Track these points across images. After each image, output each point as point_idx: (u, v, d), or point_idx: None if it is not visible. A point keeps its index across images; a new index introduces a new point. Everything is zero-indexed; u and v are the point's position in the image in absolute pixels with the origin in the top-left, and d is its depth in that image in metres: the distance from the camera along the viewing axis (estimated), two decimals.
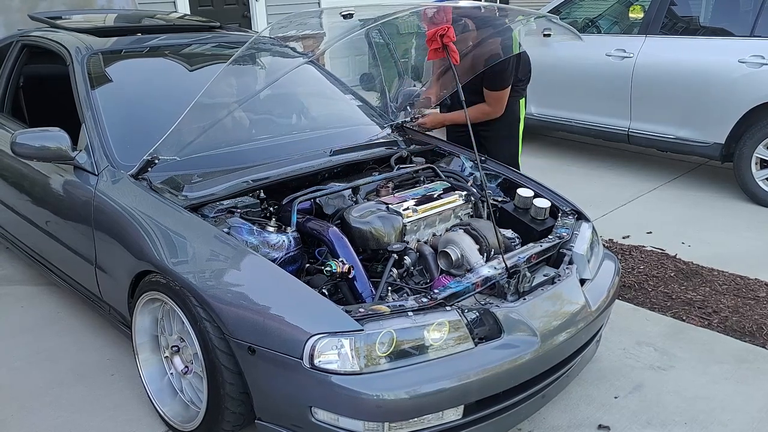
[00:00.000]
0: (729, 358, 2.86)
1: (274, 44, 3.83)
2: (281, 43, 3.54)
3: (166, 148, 2.55)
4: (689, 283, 3.52)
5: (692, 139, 4.86)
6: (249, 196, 2.55)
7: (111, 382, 2.75)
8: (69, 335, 3.11)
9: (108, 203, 2.59)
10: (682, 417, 2.50)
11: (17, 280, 3.70)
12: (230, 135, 3.18)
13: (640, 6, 5.31)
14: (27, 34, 3.72)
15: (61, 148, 2.71)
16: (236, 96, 3.05)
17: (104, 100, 2.95)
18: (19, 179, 3.26)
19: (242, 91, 3.12)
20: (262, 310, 2.03)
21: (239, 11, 7.97)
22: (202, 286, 2.14)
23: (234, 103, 2.93)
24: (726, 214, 4.54)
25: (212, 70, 3.52)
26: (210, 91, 2.51)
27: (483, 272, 2.28)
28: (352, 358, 1.92)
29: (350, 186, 2.68)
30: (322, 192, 2.60)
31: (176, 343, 2.40)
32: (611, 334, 3.00)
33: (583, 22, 5.82)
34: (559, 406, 2.54)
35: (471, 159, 3.14)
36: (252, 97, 3.09)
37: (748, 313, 3.20)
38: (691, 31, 5.06)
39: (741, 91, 4.56)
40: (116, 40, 3.35)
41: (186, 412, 2.40)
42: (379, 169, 2.99)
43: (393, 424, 1.96)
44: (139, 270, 2.41)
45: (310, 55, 2.94)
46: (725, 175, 5.21)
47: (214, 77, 2.54)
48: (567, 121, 5.69)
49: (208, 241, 2.26)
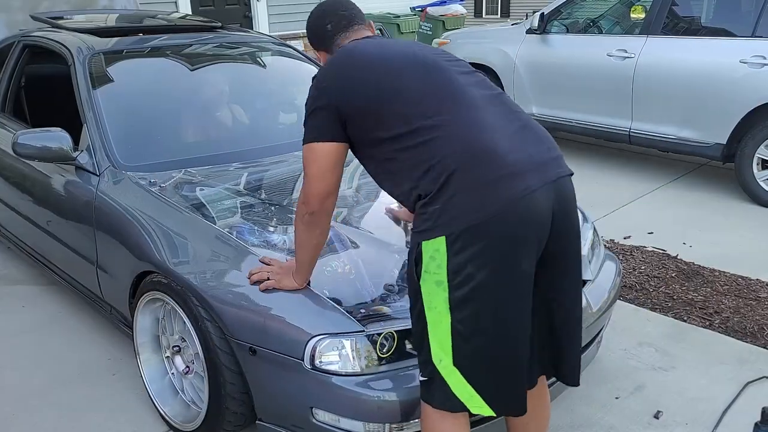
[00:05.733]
0: (730, 358, 2.86)
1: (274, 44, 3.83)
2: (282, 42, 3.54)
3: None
4: (690, 283, 3.52)
5: (693, 140, 4.86)
6: (249, 196, 2.55)
7: (112, 382, 2.75)
8: (70, 335, 3.12)
9: (109, 203, 2.60)
10: (684, 417, 2.50)
11: (19, 280, 3.70)
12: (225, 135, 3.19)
13: (642, 6, 5.31)
14: (29, 35, 3.73)
15: (63, 149, 2.71)
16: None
17: (106, 100, 2.96)
18: (21, 179, 3.27)
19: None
20: (263, 310, 2.03)
21: (240, 11, 7.98)
22: (203, 287, 2.15)
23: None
24: (727, 214, 4.54)
25: (214, 71, 3.54)
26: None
27: None
28: (353, 359, 1.92)
29: None
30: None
31: (177, 343, 2.41)
32: (612, 334, 3.00)
33: (585, 23, 5.82)
34: (560, 407, 2.54)
35: None
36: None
37: (749, 314, 3.20)
38: (692, 32, 5.06)
39: (742, 91, 4.56)
40: (118, 40, 3.36)
41: (187, 412, 2.40)
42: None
43: (394, 425, 1.95)
44: (141, 270, 2.41)
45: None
46: (726, 175, 5.21)
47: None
48: (568, 122, 5.69)
49: (209, 242, 2.26)
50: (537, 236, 1.64)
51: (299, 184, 2.71)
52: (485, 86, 1.80)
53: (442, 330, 1.65)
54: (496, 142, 1.65)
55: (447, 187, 1.61)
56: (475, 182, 1.60)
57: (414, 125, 1.67)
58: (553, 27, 5.84)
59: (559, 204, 1.69)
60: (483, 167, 1.61)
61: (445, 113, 1.68)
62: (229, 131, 3.30)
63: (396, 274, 2.16)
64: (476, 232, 1.59)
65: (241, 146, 3.02)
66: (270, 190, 2.66)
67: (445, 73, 1.75)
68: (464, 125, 1.66)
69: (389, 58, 1.76)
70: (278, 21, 8.24)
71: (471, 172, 1.61)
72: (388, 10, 9.04)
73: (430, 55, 1.79)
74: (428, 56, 1.78)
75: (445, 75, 1.75)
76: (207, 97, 3.40)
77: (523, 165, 1.63)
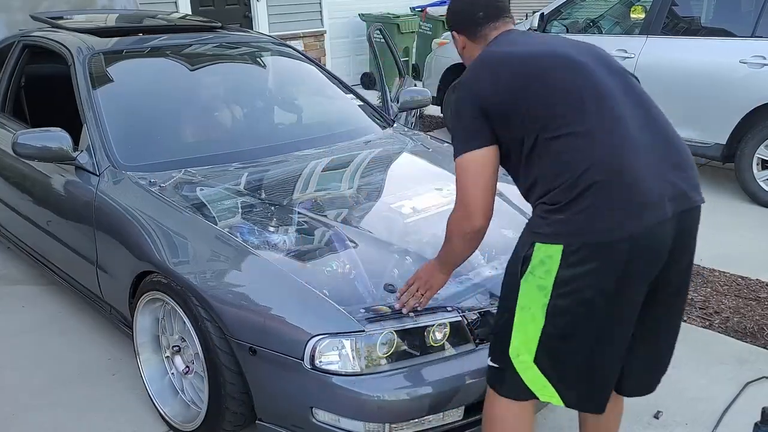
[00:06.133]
0: (730, 358, 2.86)
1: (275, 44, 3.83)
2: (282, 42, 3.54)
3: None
4: (690, 283, 3.51)
5: (693, 140, 4.85)
6: (249, 196, 2.55)
7: (112, 382, 2.75)
8: (70, 335, 3.11)
9: (109, 203, 2.60)
10: (683, 417, 2.50)
11: (18, 280, 3.70)
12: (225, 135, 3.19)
13: (642, 6, 5.31)
14: (28, 35, 3.72)
15: (63, 149, 2.71)
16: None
17: (106, 100, 2.96)
18: (21, 179, 3.27)
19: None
20: (263, 310, 2.03)
21: (240, 11, 7.98)
22: (203, 287, 2.14)
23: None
24: (727, 214, 4.53)
25: (214, 71, 3.54)
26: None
27: (484, 272, 2.28)
28: (353, 359, 1.92)
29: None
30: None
31: (177, 343, 2.41)
32: None
33: (585, 23, 5.82)
34: (560, 407, 2.53)
35: None
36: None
37: (749, 314, 3.20)
38: (692, 32, 5.06)
39: (742, 91, 4.56)
40: (118, 40, 3.35)
41: (187, 412, 2.40)
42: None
43: (394, 425, 1.95)
44: (140, 270, 2.41)
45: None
46: (726, 175, 5.21)
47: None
48: None
49: (209, 242, 2.26)
50: (657, 265, 1.61)
51: (299, 183, 2.71)
52: (634, 91, 1.71)
53: (530, 331, 1.63)
54: (641, 160, 1.58)
55: (582, 198, 1.55)
56: (614, 200, 1.54)
57: (557, 130, 1.60)
58: (553, 27, 5.83)
59: (682, 235, 1.64)
60: (624, 187, 1.55)
61: (588, 120, 1.59)
62: (229, 131, 3.29)
63: (396, 274, 2.16)
64: (598, 250, 1.54)
65: (241, 146, 3.01)
66: (270, 190, 2.65)
67: (593, 76, 1.66)
68: (608, 137, 1.58)
69: (538, 56, 1.69)
70: (278, 21, 8.23)
71: (612, 190, 1.55)
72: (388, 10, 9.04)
73: (581, 54, 1.71)
74: (577, 55, 1.70)
75: (593, 77, 1.66)
76: (207, 97, 3.40)
77: (665, 192, 1.58)
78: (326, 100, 3.75)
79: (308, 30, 8.58)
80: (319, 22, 8.76)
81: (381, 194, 2.71)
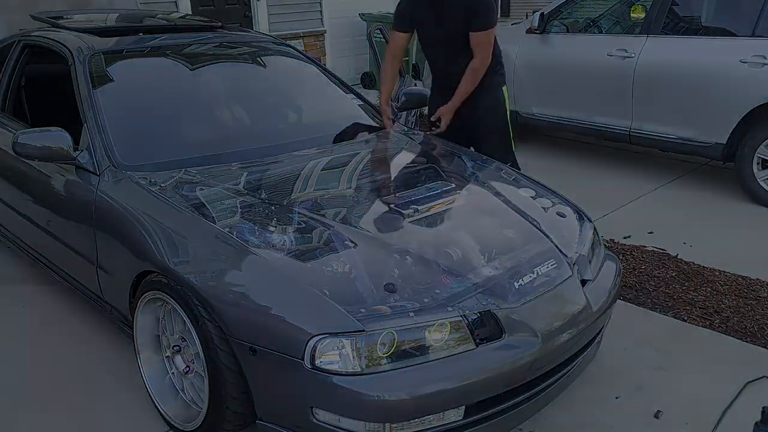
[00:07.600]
0: (730, 358, 2.86)
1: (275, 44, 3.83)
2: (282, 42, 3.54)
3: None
4: (690, 283, 3.52)
5: (694, 139, 4.86)
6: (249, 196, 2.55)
7: (112, 381, 2.75)
8: (70, 335, 3.12)
9: (109, 203, 2.60)
10: (684, 417, 2.50)
11: (18, 280, 3.70)
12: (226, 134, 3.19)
13: (642, 6, 5.31)
14: (28, 34, 3.72)
15: (63, 148, 2.71)
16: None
17: (106, 99, 2.96)
18: (21, 179, 3.27)
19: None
20: (264, 310, 2.03)
21: (240, 11, 7.97)
22: (204, 286, 2.14)
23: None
24: (727, 214, 4.54)
25: (214, 70, 3.54)
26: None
27: (484, 273, 2.28)
28: (354, 359, 1.92)
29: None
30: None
31: (177, 343, 2.40)
32: (612, 334, 2.99)
33: (585, 22, 5.82)
34: (560, 407, 2.54)
35: (473, 159, 3.14)
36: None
37: (749, 314, 3.20)
38: (692, 31, 5.06)
39: (742, 91, 4.55)
40: (118, 39, 3.36)
41: (187, 412, 2.40)
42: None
43: (394, 425, 1.96)
44: (141, 270, 2.41)
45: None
46: (726, 175, 5.21)
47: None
48: (568, 121, 5.69)
49: (209, 241, 2.26)
50: None
51: (299, 183, 2.72)
52: None
53: None
54: None
55: None
56: None
57: None
58: (554, 27, 5.83)
59: None
60: None
61: None
62: (229, 131, 3.29)
63: (396, 274, 2.16)
64: None
65: (242, 146, 3.01)
66: (270, 189, 2.65)
67: None
68: None
69: None
70: (278, 21, 8.23)
71: None
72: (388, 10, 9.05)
73: None
74: None
75: None
76: (207, 96, 3.40)
77: None
78: (326, 100, 3.75)
79: (308, 30, 8.57)
80: (319, 21, 8.75)
81: (381, 194, 2.71)
